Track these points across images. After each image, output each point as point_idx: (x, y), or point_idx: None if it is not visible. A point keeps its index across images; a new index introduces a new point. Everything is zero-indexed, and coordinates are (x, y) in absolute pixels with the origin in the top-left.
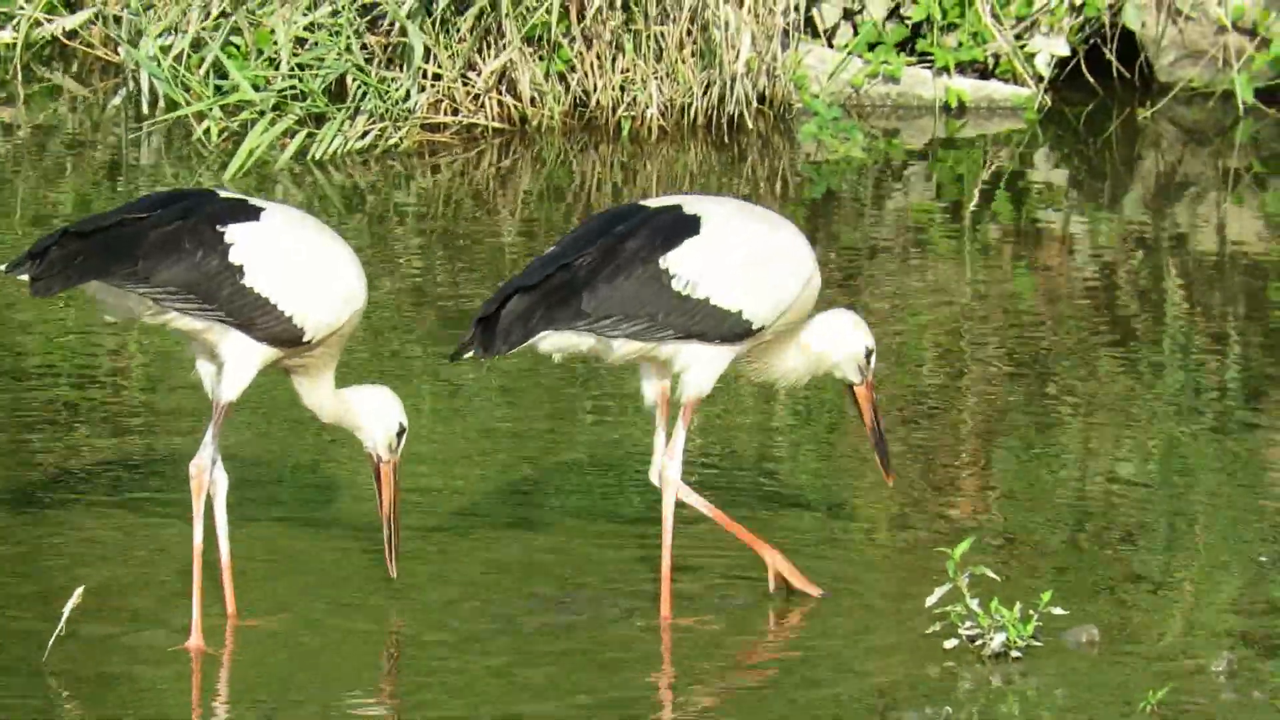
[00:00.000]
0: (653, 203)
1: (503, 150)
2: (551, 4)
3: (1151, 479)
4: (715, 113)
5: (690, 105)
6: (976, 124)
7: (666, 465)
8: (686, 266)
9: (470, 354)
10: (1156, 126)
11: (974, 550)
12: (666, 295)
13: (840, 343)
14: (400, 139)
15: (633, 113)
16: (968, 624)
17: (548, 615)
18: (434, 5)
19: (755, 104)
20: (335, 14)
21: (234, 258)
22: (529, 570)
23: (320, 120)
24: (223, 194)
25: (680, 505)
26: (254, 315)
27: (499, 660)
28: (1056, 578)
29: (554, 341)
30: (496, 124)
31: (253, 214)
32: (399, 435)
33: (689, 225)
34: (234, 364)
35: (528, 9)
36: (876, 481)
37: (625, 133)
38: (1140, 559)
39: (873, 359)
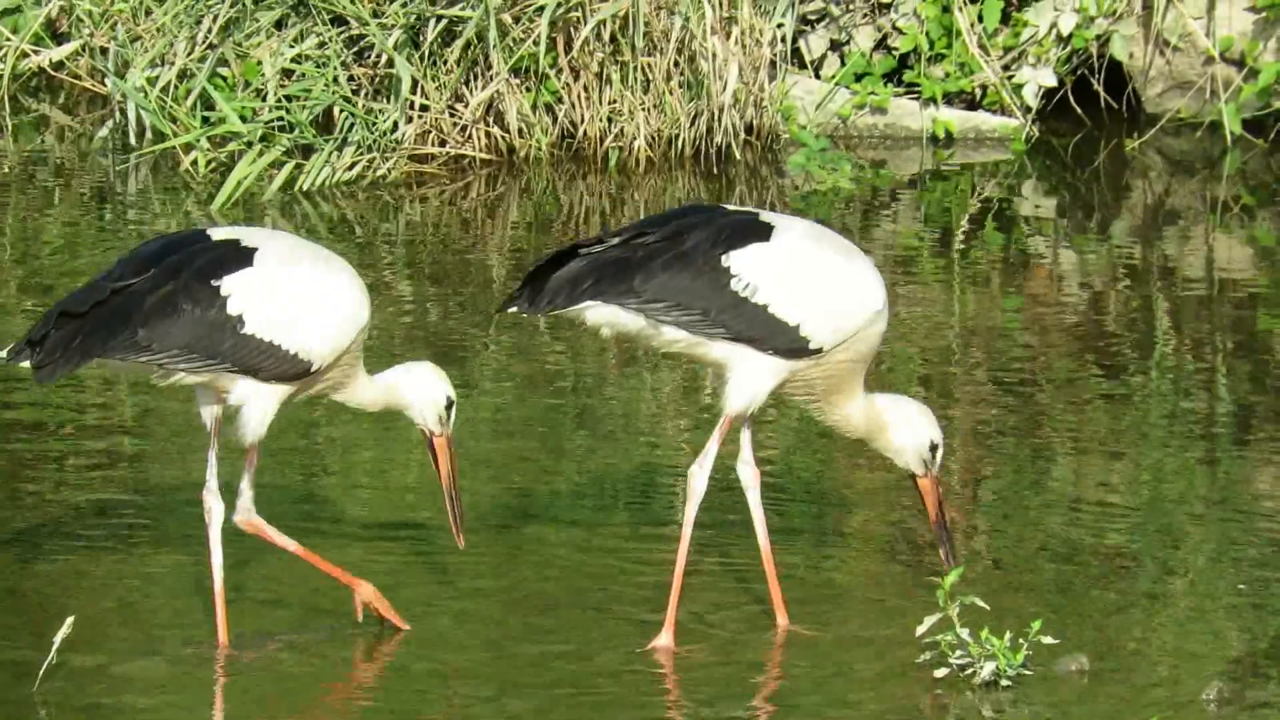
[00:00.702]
0: (733, 208)
1: (490, 181)
2: (539, 36)
3: (1141, 507)
4: (703, 144)
5: (678, 136)
6: (964, 155)
7: (695, 474)
8: (748, 269)
9: (514, 308)
10: (1144, 157)
11: (964, 579)
12: (723, 293)
13: (904, 430)
14: (388, 170)
15: (620, 144)
16: (958, 653)
17: (537, 644)
18: (421, 37)
19: (743, 135)
20: (322, 45)
21: (231, 309)
22: (518, 600)
23: (308, 151)
24: (213, 233)
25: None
26: (259, 361)
27: (488, 690)
28: (1047, 606)
29: (602, 315)
30: (484, 155)
31: (244, 259)
32: (447, 408)
33: (760, 231)
34: (251, 406)
35: (515, 40)
36: (865, 511)
37: (613, 164)
38: (1130, 588)
39: (938, 454)
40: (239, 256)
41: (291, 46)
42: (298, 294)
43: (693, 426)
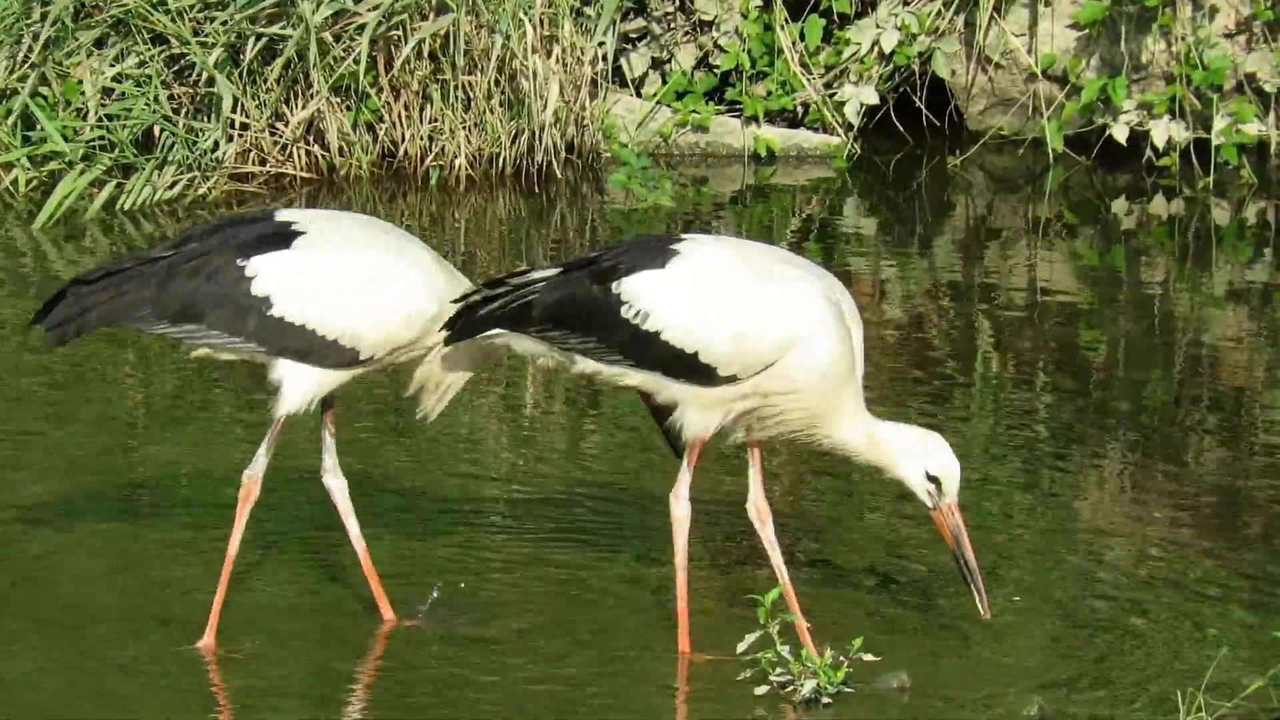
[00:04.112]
0: (686, 236)
1: (311, 200)
2: (359, 54)
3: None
4: (524, 162)
5: (499, 155)
6: (786, 172)
7: (672, 503)
8: (640, 295)
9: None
10: (967, 174)
11: (785, 596)
12: (616, 321)
13: (904, 461)
14: (209, 189)
15: (441, 162)
16: (779, 670)
17: (356, 662)
18: (241, 56)
19: (564, 153)
20: (142, 64)
21: (257, 290)
22: (337, 617)
23: (129, 171)
24: (279, 214)
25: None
26: (291, 343)
27: (307, 708)
28: (868, 624)
29: (521, 345)
30: (305, 174)
31: (282, 241)
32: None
33: (662, 255)
34: (287, 386)
35: (335, 59)
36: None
37: (434, 182)
38: (952, 605)
39: (943, 486)
40: (276, 239)
41: (112, 65)
42: (336, 282)
43: (512, 447)
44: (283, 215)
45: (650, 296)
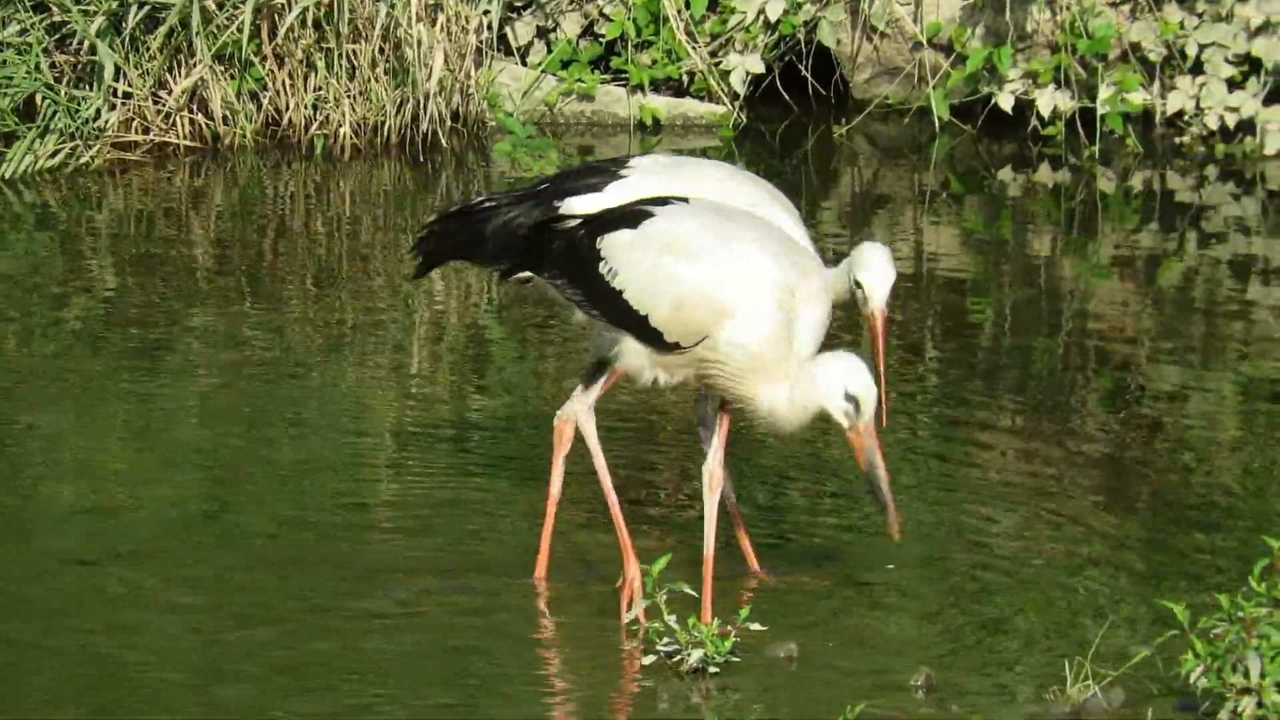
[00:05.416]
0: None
1: (195, 169)
2: (243, 22)
3: (848, 494)
4: (409, 131)
5: (383, 124)
6: (672, 141)
7: (559, 416)
8: (613, 253)
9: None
10: (852, 143)
11: (673, 567)
12: (594, 274)
13: (825, 383)
14: (91, 158)
15: (325, 131)
16: (665, 640)
17: (246, 631)
18: (124, 23)
19: (449, 122)
20: (23, 33)
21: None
22: (226, 587)
23: (9, 139)
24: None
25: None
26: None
27: (195, 679)
28: (755, 594)
29: (548, 290)
30: (188, 143)
31: (595, 188)
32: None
33: (637, 215)
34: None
35: (218, 27)
36: (572, 496)
37: (318, 151)
38: (839, 574)
39: (858, 407)
40: (593, 186)
41: None
42: None
43: (399, 410)
44: (631, 162)
45: (620, 254)
